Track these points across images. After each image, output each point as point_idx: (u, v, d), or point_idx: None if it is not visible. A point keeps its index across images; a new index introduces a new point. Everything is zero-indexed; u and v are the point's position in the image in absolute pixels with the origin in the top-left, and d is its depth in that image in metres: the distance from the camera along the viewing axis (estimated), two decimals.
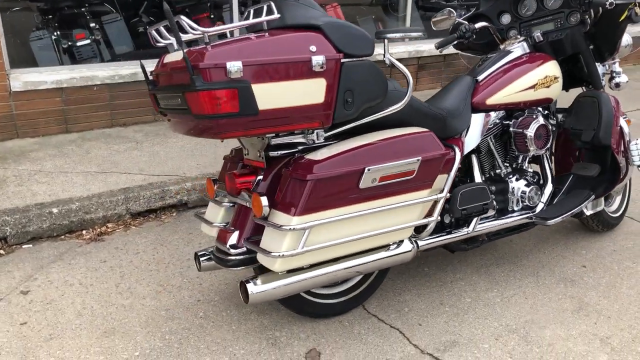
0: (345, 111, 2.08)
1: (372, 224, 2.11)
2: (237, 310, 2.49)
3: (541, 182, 2.77)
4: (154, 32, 2.24)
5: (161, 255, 2.92)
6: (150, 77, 2.25)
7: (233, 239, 2.16)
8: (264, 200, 2.01)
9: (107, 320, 2.41)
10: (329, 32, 2.02)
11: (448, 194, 2.35)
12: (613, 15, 2.67)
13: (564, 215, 2.62)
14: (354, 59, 2.05)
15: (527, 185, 2.66)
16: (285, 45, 1.93)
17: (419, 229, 2.34)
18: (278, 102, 1.91)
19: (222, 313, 2.47)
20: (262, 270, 2.14)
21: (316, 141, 2.15)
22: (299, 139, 2.15)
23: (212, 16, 5.34)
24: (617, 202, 3.23)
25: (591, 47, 2.82)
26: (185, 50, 1.83)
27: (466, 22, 2.77)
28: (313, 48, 1.96)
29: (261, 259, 2.04)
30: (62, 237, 3.09)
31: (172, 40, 2.25)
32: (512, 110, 2.69)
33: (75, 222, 3.09)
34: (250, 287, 2.03)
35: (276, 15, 2.00)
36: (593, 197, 2.74)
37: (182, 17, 1.92)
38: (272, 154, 2.15)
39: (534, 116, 2.63)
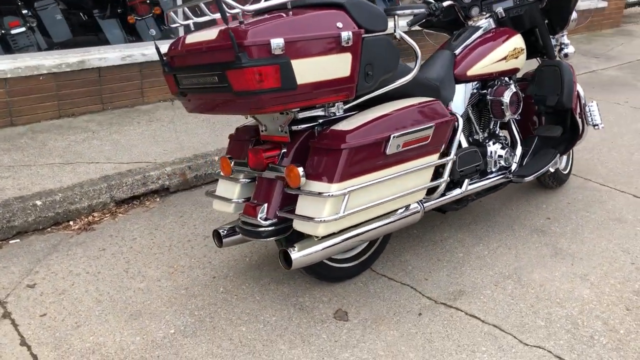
0: (366, 83, 2.24)
1: (395, 187, 2.28)
2: (255, 282, 2.59)
3: (511, 145, 3.07)
4: (171, 14, 2.27)
5: (160, 239, 2.93)
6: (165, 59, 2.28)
7: (264, 211, 2.25)
8: (301, 171, 2.12)
9: (129, 304, 2.43)
10: (351, 10, 2.15)
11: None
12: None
13: (538, 172, 2.94)
14: (372, 34, 2.20)
15: (502, 148, 2.95)
16: (316, 23, 2.05)
17: (429, 191, 2.55)
18: (313, 77, 2.02)
19: (241, 286, 2.56)
20: (289, 240, 2.27)
21: (337, 113, 2.28)
22: (319, 112, 2.27)
23: (147, 0, 5.24)
24: (565, 160, 3.62)
25: (545, 21, 3.14)
26: (229, 28, 1.90)
27: (433, 1, 3.00)
28: (340, 24, 2.09)
29: (300, 225, 2.15)
30: (49, 229, 3.01)
31: (190, 21, 2.30)
32: (486, 80, 2.96)
33: (61, 213, 3.02)
34: (293, 254, 2.15)
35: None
36: (558, 155, 3.09)
37: None
38: (295, 128, 2.26)
39: (507, 85, 2.92)
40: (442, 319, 2.37)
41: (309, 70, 2.01)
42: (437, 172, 2.55)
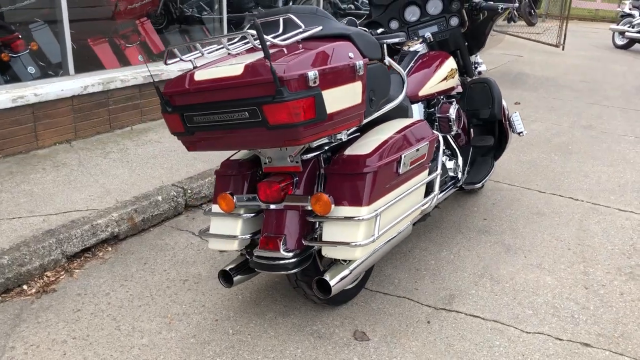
0: (370, 109, 2.36)
1: (405, 204, 2.42)
2: (260, 318, 2.54)
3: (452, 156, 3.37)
4: (176, 50, 2.19)
5: (136, 290, 2.73)
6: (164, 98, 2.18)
7: (288, 242, 2.24)
8: (331, 199, 2.16)
9: None
10: (357, 40, 2.26)
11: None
12: (486, 18, 3.39)
13: (486, 178, 3.27)
14: (372, 62, 2.33)
15: (450, 160, 3.23)
16: (336, 54, 2.12)
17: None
18: (337, 106, 2.09)
19: (249, 325, 2.50)
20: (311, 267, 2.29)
21: (342, 139, 2.36)
22: (324, 139, 2.33)
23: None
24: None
25: (466, 43, 3.51)
26: (268, 64, 1.89)
27: (365, 29, 3.21)
28: (351, 55, 2.19)
29: (333, 252, 2.18)
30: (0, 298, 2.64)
31: (195, 55, 2.23)
32: (429, 100, 3.22)
33: (12, 278, 2.67)
34: (331, 281, 2.17)
35: (319, 28, 2.17)
36: (494, 161, 3.45)
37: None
38: (306, 157, 2.29)
39: (450, 102, 3.21)
40: (449, 323, 2.54)
41: (334, 99, 2.08)
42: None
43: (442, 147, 2.81)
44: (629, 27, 11.55)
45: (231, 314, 2.58)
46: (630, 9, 11.68)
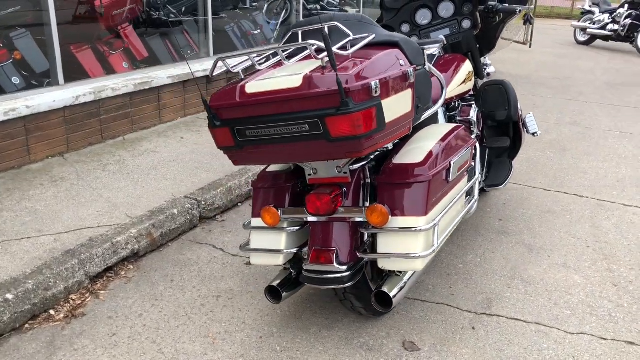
0: (417, 115, 2.32)
1: (453, 211, 2.39)
2: (305, 333, 2.49)
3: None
4: (225, 63, 2.11)
5: (170, 310, 2.63)
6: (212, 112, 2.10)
7: (340, 255, 2.19)
8: (388, 210, 2.12)
9: None
10: (405, 47, 2.23)
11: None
12: (500, 20, 3.41)
13: (508, 179, 3.29)
14: (417, 69, 2.30)
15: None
16: (389, 62, 2.09)
17: None
18: (392, 115, 2.06)
19: (295, 340, 2.44)
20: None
21: (389, 147, 2.32)
22: None
23: None
24: None
25: (477, 45, 3.53)
26: (336, 75, 1.84)
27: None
28: (402, 62, 2.15)
29: (391, 264, 2.14)
30: (27, 325, 2.50)
31: (241, 67, 2.16)
32: (448, 103, 3.22)
33: (38, 303, 2.53)
34: (391, 293, 2.13)
35: (372, 35, 2.13)
36: (512, 162, 3.48)
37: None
38: (354, 167, 2.25)
39: (469, 105, 3.22)
40: (493, 327, 2.54)
41: (390, 109, 2.04)
42: None
43: (478, 151, 2.80)
44: (589, 23, 11.91)
45: (274, 330, 2.51)
46: (590, 6, 12.04)
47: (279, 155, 2.11)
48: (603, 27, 11.22)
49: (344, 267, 2.19)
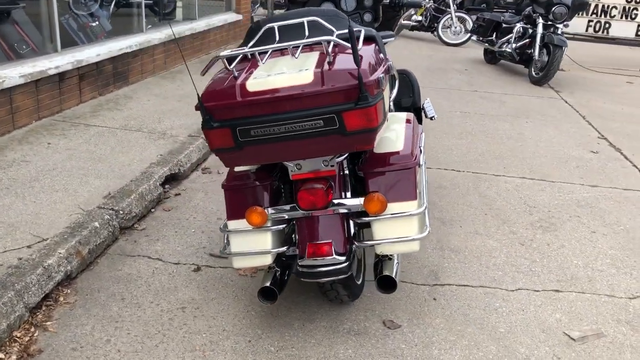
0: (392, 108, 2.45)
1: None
2: (290, 329, 2.50)
3: None
4: (225, 61, 2.02)
5: (137, 330, 2.42)
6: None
7: (337, 247, 2.23)
8: (384, 197, 2.21)
9: None
10: (379, 41, 2.33)
11: None
12: (397, 13, 3.65)
13: None
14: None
15: None
16: (377, 56, 2.17)
17: None
18: (385, 106, 2.16)
19: (285, 338, 2.44)
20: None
21: None
22: None
23: None
24: None
25: None
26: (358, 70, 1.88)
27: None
28: (381, 56, 2.26)
29: (390, 247, 2.24)
30: None
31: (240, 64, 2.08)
32: None
33: None
34: (395, 277, 2.23)
35: (362, 30, 2.19)
36: None
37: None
38: (339, 160, 2.30)
39: None
40: (450, 296, 2.80)
41: (386, 101, 2.14)
42: None
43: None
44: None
45: (259, 332, 2.46)
46: None
47: (284, 153, 2.08)
48: (408, 18, 12.37)
49: (343, 258, 2.24)
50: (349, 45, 1.96)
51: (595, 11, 8.89)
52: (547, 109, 6.47)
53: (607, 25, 8.95)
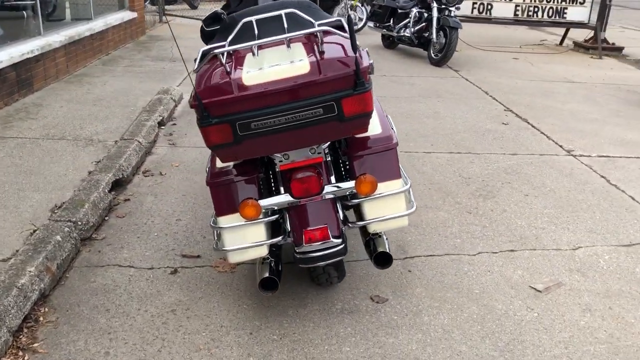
0: None
1: None
2: (286, 317, 2.56)
3: None
4: (221, 57, 2.02)
5: (134, 338, 2.36)
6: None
7: (332, 230, 2.31)
8: (374, 178, 2.31)
9: None
10: (349, 28, 2.41)
11: None
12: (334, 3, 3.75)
13: None
14: None
15: None
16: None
17: None
18: None
19: (284, 325, 2.50)
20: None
21: None
22: None
23: None
24: None
25: None
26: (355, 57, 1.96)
27: None
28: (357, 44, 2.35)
29: (383, 224, 2.36)
30: None
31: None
32: None
33: None
34: (388, 251, 2.35)
35: (340, 19, 2.27)
36: None
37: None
38: (324, 146, 2.38)
39: None
40: (422, 267, 2.98)
41: None
42: None
43: None
44: None
45: (257, 323, 2.50)
46: None
47: (282, 144, 2.13)
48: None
49: (339, 240, 2.33)
50: (343, 34, 2.04)
51: None
52: (453, 88, 6.89)
53: (489, 7, 9.62)
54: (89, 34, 7.14)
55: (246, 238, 2.33)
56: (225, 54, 2.10)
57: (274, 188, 2.49)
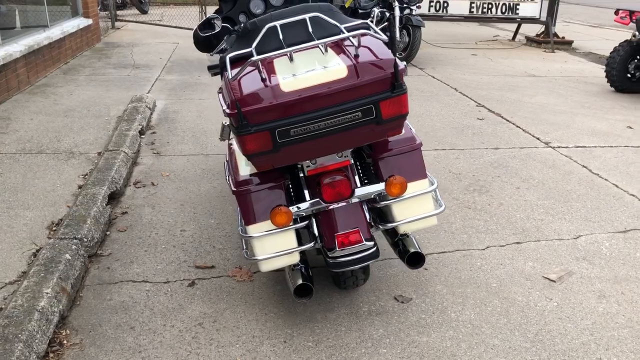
0: None
1: None
2: (316, 323, 2.54)
3: None
4: (259, 64, 1.99)
5: (167, 355, 2.29)
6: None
7: (363, 233, 2.31)
8: (404, 179, 2.33)
9: None
10: (371, 30, 2.42)
11: None
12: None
13: None
14: None
15: None
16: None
17: None
18: None
19: (315, 331, 2.48)
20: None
21: None
22: None
23: None
24: None
25: None
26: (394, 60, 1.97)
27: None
28: None
29: (413, 225, 2.38)
30: None
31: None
32: None
33: None
34: (419, 250, 2.37)
35: (366, 22, 2.27)
36: None
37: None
38: (350, 150, 2.38)
39: None
40: (438, 264, 3.02)
41: None
42: None
43: None
44: None
45: (288, 331, 2.47)
46: None
47: (319, 149, 2.11)
48: None
49: (371, 243, 2.34)
50: (381, 36, 2.05)
51: None
52: (422, 86, 7.00)
53: (445, 5, 9.82)
54: (48, 42, 6.87)
55: (277, 246, 2.31)
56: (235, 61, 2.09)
57: (292, 194, 2.48)
